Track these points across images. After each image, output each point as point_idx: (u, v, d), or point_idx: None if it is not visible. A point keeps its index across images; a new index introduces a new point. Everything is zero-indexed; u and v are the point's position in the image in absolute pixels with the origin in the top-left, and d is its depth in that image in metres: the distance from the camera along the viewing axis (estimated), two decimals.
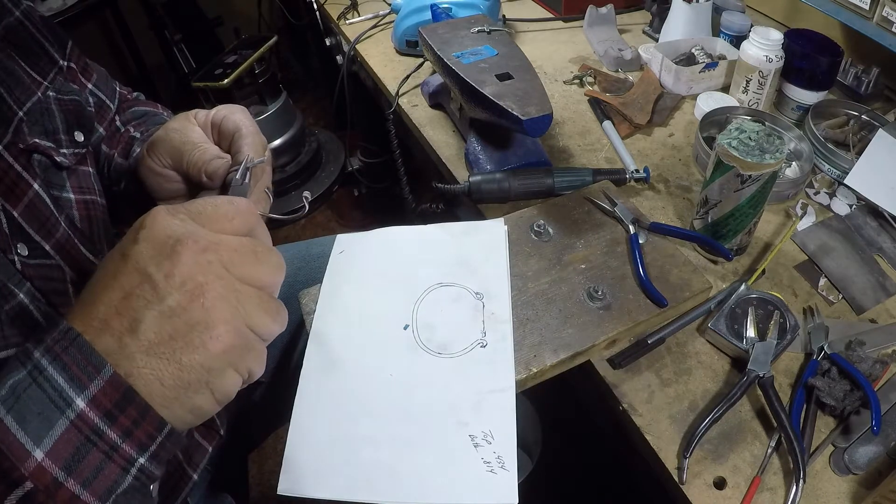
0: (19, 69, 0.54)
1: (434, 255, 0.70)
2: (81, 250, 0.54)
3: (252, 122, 0.58)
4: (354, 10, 1.34)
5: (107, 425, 0.34)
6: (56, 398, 0.34)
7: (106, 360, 0.35)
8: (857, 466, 0.56)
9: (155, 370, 0.35)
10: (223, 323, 0.37)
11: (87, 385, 0.34)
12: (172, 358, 0.36)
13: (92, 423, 0.34)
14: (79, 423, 0.34)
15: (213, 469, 0.77)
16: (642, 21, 1.25)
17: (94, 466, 0.34)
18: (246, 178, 0.52)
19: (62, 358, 0.34)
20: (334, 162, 1.99)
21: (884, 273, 0.74)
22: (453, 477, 0.52)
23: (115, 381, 0.35)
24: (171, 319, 0.36)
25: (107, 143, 0.68)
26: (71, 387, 0.34)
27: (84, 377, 0.34)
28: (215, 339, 0.36)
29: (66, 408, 0.34)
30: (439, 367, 0.59)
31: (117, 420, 0.35)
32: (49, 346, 0.35)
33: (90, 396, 0.34)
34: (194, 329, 0.36)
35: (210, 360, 0.36)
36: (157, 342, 0.35)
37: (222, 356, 0.37)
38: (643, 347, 0.64)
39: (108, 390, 0.34)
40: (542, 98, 0.75)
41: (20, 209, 0.48)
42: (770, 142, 0.66)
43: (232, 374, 0.38)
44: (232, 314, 0.37)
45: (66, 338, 0.35)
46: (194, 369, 0.36)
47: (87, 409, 0.34)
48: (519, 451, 0.53)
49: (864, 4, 0.84)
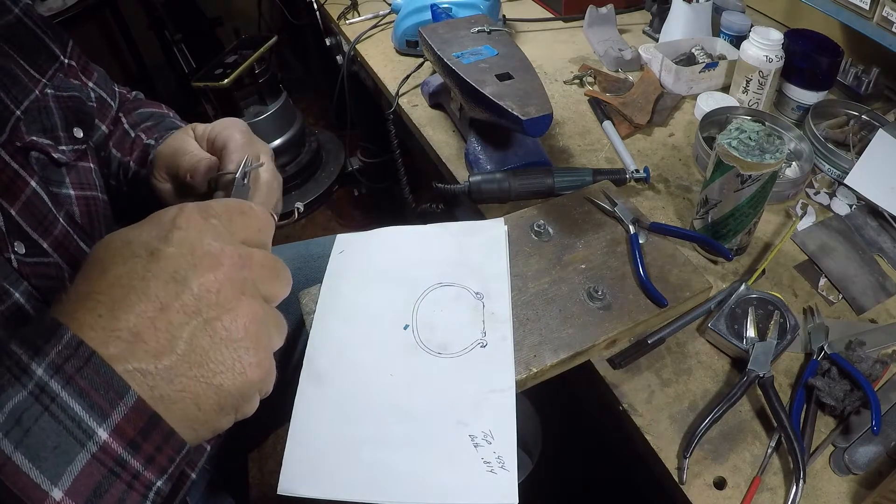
0: (17, 68, 0.54)
1: (434, 255, 0.70)
2: (81, 247, 0.54)
3: (244, 136, 0.57)
4: (354, 10, 1.34)
5: (130, 455, 0.31)
6: (74, 430, 0.30)
7: (129, 384, 0.31)
8: (857, 466, 0.56)
9: (194, 395, 0.33)
10: (263, 350, 0.35)
11: (109, 413, 0.31)
12: (212, 382, 0.33)
13: (115, 454, 0.31)
14: (101, 455, 0.30)
15: (213, 469, 0.77)
16: (642, 21, 1.25)
17: (116, 499, 0.31)
18: (246, 179, 0.53)
19: (77, 382, 0.30)
20: (334, 162, 1.98)
21: (884, 273, 0.74)
22: (453, 477, 0.52)
23: (140, 406, 0.31)
24: (212, 340, 0.33)
25: (117, 146, 0.68)
26: (91, 416, 0.30)
27: (105, 404, 0.31)
28: (254, 368, 0.35)
29: (87, 440, 0.30)
30: (439, 367, 0.59)
31: (141, 448, 0.32)
32: (56, 363, 0.30)
33: (113, 426, 0.31)
34: (235, 353, 0.34)
35: (246, 387, 0.35)
36: (196, 364, 0.33)
37: (257, 384, 0.35)
38: (643, 347, 0.64)
39: (133, 417, 0.31)
40: (542, 98, 0.75)
41: (17, 207, 0.48)
42: (770, 142, 0.66)
43: (258, 398, 0.37)
44: (267, 340, 0.36)
45: (78, 355, 0.31)
46: (232, 395, 0.34)
47: (110, 440, 0.31)
48: (519, 451, 0.53)
49: (864, 4, 0.84)
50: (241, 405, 0.36)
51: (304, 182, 1.88)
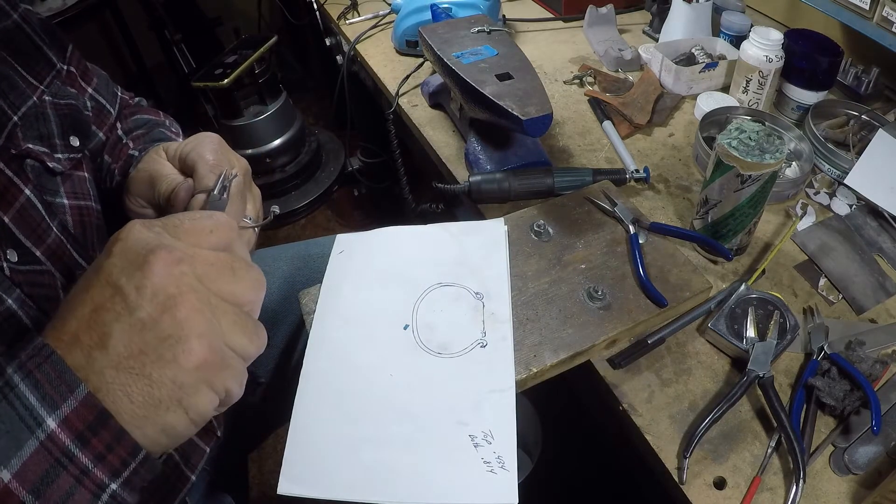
0: (15, 74, 0.53)
1: (434, 255, 0.70)
2: (74, 256, 0.54)
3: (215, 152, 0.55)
4: (354, 10, 1.34)
5: (78, 448, 0.33)
6: (26, 417, 0.32)
7: (81, 379, 0.33)
8: (857, 466, 0.56)
9: (123, 386, 0.34)
10: (196, 336, 0.35)
11: (59, 405, 0.33)
12: (142, 373, 0.34)
13: (63, 445, 0.33)
14: (49, 444, 0.32)
15: (213, 469, 0.77)
16: (642, 21, 1.25)
17: (63, 491, 0.32)
18: (224, 194, 0.51)
19: (34, 374, 0.33)
20: (334, 162, 1.98)
21: (884, 273, 0.74)
22: (453, 477, 0.52)
23: (90, 401, 0.33)
24: (141, 333, 0.34)
25: (109, 152, 0.67)
26: (42, 405, 0.33)
27: (56, 396, 0.33)
28: (187, 353, 0.34)
29: (37, 427, 0.32)
30: (439, 367, 0.59)
31: (90, 443, 0.33)
32: (22, 361, 0.33)
33: (62, 417, 0.33)
34: (165, 342, 0.34)
35: (182, 374, 0.35)
36: (126, 356, 0.34)
37: (195, 371, 0.35)
38: (643, 347, 0.64)
39: (82, 411, 0.33)
40: (542, 98, 0.75)
41: (10, 215, 0.48)
42: (770, 142, 0.66)
43: (206, 391, 0.36)
44: (207, 328, 0.35)
45: (41, 354, 0.33)
46: (165, 385, 0.34)
47: (58, 430, 0.33)
48: (519, 451, 0.53)
49: (864, 4, 0.84)
50: (184, 397, 0.35)
51: (304, 182, 1.88)
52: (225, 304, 0.37)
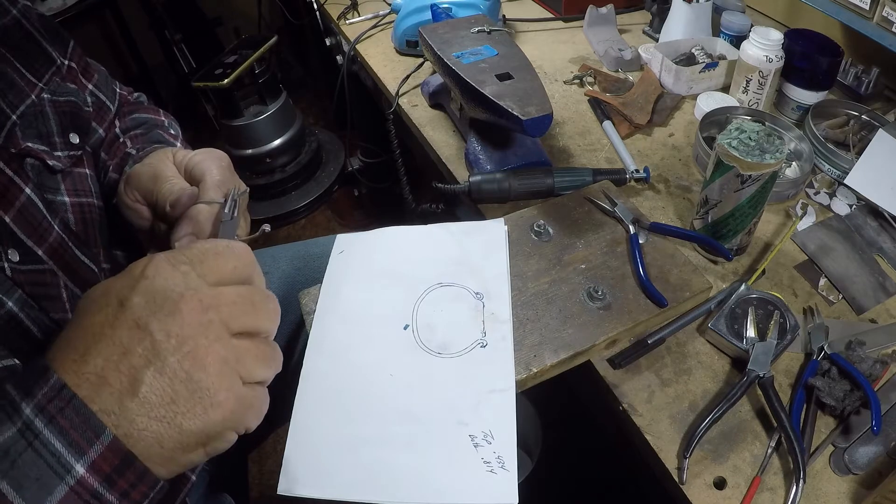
0: (13, 72, 0.53)
1: (434, 255, 0.70)
2: (76, 254, 0.53)
3: (222, 170, 0.56)
4: (354, 10, 1.34)
5: (106, 489, 0.34)
6: (54, 464, 0.33)
7: (105, 424, 0.34)
8: (857, 466, 0.56)
9: (155, 434, 0.35)
10: (225, 391, 0.37)
11: (86, 451, 0.34)
12: (173, 422, 0.35)
13: (91, 488, 0.34)
14: (78, 488, 0.33)
15: (213, 469, 0.77)
16: (642, 21, 1.25)
17: None
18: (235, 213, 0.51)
19: (58, 421, 0.34)
20: (334, 162, 1.98)
21: (884, 273, 0.74)
22: (453, 477, 0.52)
23: (115, 446, 0.34)
24: (172, 382, 0.35)
25: (106, 149, 0.67)
26: (69, 452, 0.33)
27: (83, 442, 0.34)
28: (216, 408, 0.36)
29: (66, 474, 0.33)
30: (439, 367, 0.59)
31: (116, 484, 0.34)
32: (41, 403, 0.34)
33: (90, 462, 0.34)
34: (195, 395, 0.36)
35: (210, 426, 0.36)
36: (158, 405, 0.35)
37: (222, 423, 0.37)
38: (643, 347, 0.64)
39: (108, 455, 0.34)
40: (542, 98, 0.75)
41: (11, 214, 0.48)
42: (770, 142, 0.66)
43: (230, 434, 0.38)
44: (232, 380, 0.37)
45: (61, 397, 0.34)
46: (193, 434, 0.36)
47: (86, 475, 0.34)
48: (519, 451, 0.53)
49: (864, 4, 0.84)
50: (209, 442, 0.37)
51: (304, 182, 1.88)
52: (246, 341, 0.39)
